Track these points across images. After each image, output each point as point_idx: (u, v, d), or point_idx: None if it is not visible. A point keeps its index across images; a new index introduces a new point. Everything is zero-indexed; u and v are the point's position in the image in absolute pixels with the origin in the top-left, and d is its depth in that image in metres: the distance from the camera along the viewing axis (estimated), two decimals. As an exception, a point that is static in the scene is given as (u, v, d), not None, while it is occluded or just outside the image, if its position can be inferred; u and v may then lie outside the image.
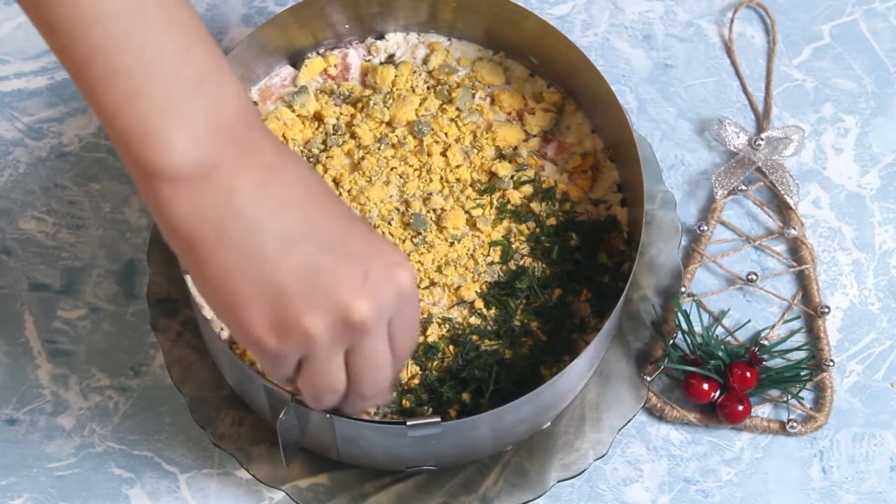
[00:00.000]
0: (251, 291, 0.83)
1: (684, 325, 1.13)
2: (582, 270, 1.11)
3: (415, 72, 1.17)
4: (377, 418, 1.07)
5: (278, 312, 0.84)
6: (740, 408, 1.13)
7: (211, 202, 0.82)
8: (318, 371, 0.88)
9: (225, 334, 1.07)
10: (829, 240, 1.22)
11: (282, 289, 0.83)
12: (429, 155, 1.14)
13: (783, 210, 1.21)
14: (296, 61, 1.18)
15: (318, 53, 1.18)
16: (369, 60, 1.18)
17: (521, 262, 1.11)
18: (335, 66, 1.18)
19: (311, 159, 1.14)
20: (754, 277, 1.18)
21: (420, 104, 1.15)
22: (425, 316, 1.09)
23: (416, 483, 1.11)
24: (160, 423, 1.16)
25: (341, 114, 1.16)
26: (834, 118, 1.25)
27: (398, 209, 1.12)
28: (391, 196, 1.13)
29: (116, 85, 0.81)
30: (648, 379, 1.12)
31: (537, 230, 1.12)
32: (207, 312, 1.08)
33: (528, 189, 1.13)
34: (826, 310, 1.18)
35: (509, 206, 1.13)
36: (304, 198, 0.85)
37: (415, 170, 1.13)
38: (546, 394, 1.04)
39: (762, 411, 1.17)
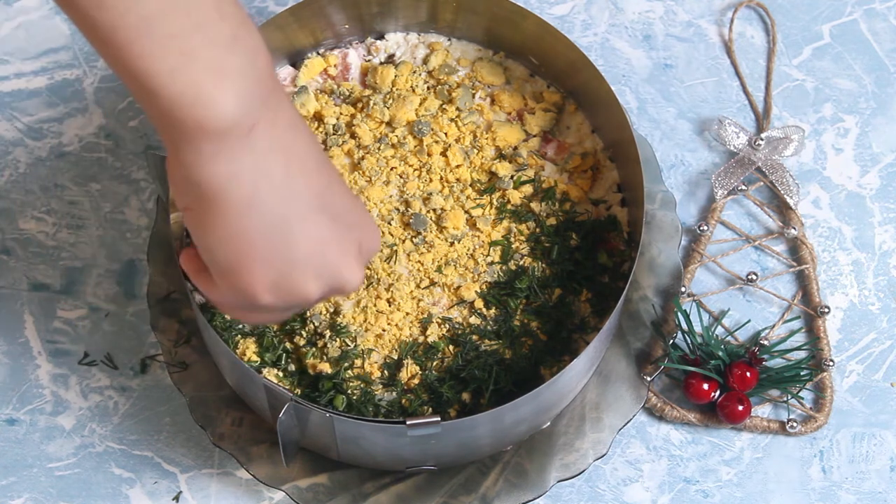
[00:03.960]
0: (263, 254, 0.86)
1: (684, 325, 1.13)
2: (582, 270, 1.11)
3: (415, 72, 1.17)
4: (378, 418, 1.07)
5: (283, 277, 0.88)
6: (740, 408, 1.13)
7: (249, 163, 0.84)
8: (281, 317, 0.95)
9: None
10: (829, 240, 1.22)
11: (293, 256, 0.87)
12: (429, 155, 1.14)
13: (783, 210, 1.21)
14: (296, 61, 1.18)
15: (318, 53, 1.18)
16: (369, 60, 1.18)
17: (521, 262, 1.11)
18: (335, 66, 1.18)
19: (311, 159, 1.14)
20: (754, 277, 1.18)
21: (420, 104, 1.15)
22: (425, 316, 1.09)
23: (416, 483, 1.11)
24: (160, 423, 1.16)
25: (341, 114, 1.16)
26: (834, 118, 1.25)
27: (398, 209, 1.12)
28: (391, 196, 1.13)
29: (169, 51, 0.80)
30: (648, 379, 1.12)
31: (537, 230, 1.12)
32: (206, 311, 1.08)
33: (528, 189, 1.13)
34: (826, 310, 1.18)
35: (509, 206, 1.13)
36: (318, 164, 0.88)
37: (415, 170, 1.13)
38: (546, 394, 1.04)
39: (762, 411, 1.17)
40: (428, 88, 1.17)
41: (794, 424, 1.15)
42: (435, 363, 1.09)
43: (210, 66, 0.81)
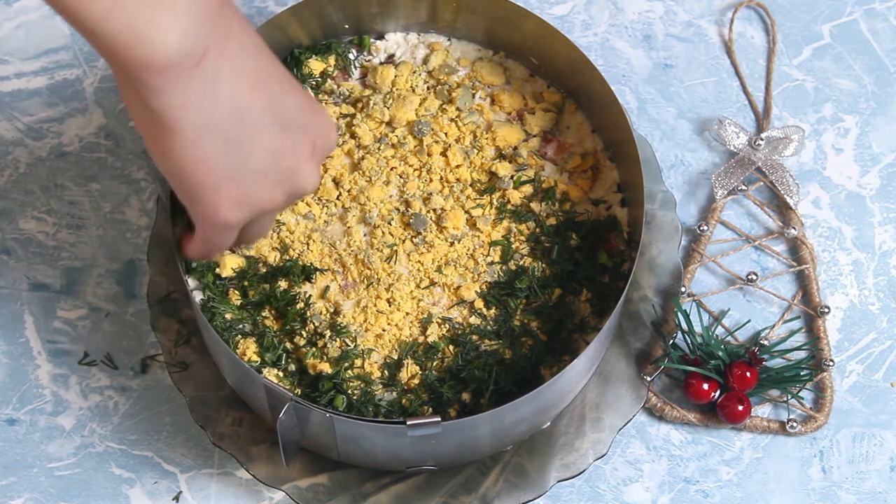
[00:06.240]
0: (225, 173, 0.90)
1: (684, 325, 1.13)
2: (582, 270, 1.11)
3: (415, 72, 1.17)
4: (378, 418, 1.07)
5: (246, 190, 0.91)
6: (740, 408, 1.13)
7: (198, 91, 0.85)
8: (260, 229, 0.98)
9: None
10: (829, 240, 1.22)
11: (253, 170, 0.90)
12: (429, 155, 1.14)
13: (783, 210, 1.21)
14: (296, 60, 1.18)
15: (317, 55, 1.18)
16: (369, 60, 1.18)
17: (521, 262, 1.11)
18: (335, 66, 1.18)
19: (311, 159, 1.14)
20: (754, 277, 1.18)
21: (420, 104, 1.15)
22: (425, 316, 1.09)
23: (416, 483, 1.11)
24: (160, 423, 1.16)
25: (341, 114, 1.16)
26: (834, 118, 1.25)
27: (398, 209, 1.12)
28: (391, 196, 1.13)
29: None
30: (648, 379, 1.12)
31: (537, 230, 1.12)
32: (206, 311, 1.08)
33: (528, 189, 1.13)
34: (826, 310, 1.18)
35: (509, 206, 1.13)
36: (267, 77, 0.90)
37: (415, 170, 1.13)
38: (546, 394, 1.04)
39: (762, 411, 1.17)
40: (428, 88, 1.17)
41: (794, 424, 1.15)
42: (435, 363, 1.09)
43: (147, 2, 0.80)
